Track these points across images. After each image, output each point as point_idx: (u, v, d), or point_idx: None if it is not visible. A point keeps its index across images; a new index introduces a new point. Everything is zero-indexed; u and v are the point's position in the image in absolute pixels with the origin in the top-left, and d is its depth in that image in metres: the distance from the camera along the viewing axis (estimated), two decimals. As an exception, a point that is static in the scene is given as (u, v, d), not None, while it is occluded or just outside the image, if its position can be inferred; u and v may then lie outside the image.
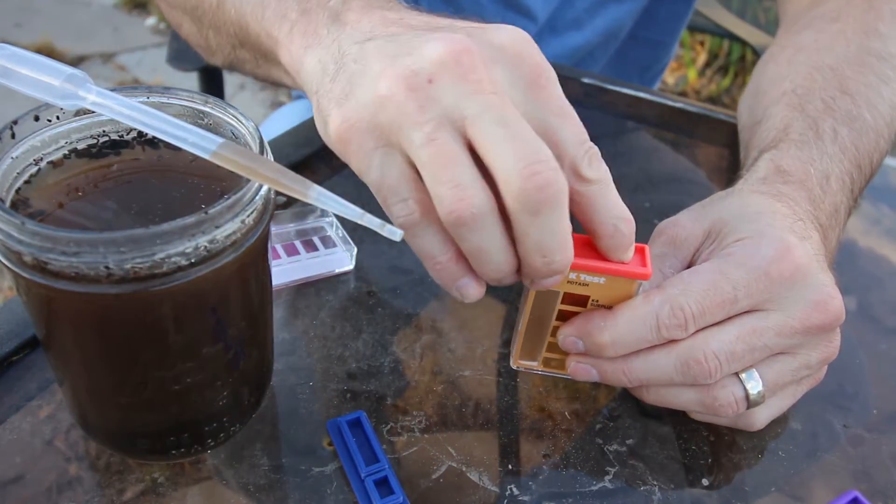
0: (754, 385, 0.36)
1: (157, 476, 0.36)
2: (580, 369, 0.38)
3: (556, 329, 0.38)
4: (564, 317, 0.37)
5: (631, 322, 0.35)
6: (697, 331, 0.36)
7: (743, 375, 0.36)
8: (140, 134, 0.35)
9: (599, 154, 0.32)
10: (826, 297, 0.36)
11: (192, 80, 0.97)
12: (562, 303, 0.37)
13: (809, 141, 0.46)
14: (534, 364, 0.40)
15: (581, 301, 0.37)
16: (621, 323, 0.36)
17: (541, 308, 0.37)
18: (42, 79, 0.30)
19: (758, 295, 0.35)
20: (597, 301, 0.36)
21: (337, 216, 0.49)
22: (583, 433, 0.40)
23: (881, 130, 0.50)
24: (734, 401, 0.36)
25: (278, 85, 0.48)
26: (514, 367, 0.41)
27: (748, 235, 0.37)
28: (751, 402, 0.37)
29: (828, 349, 0.38)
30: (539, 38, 0.79)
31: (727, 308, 0.35)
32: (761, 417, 0.39)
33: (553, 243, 0.31)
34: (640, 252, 0.35)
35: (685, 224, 0.39)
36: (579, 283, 0.35)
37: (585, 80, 0.72)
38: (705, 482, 0.38)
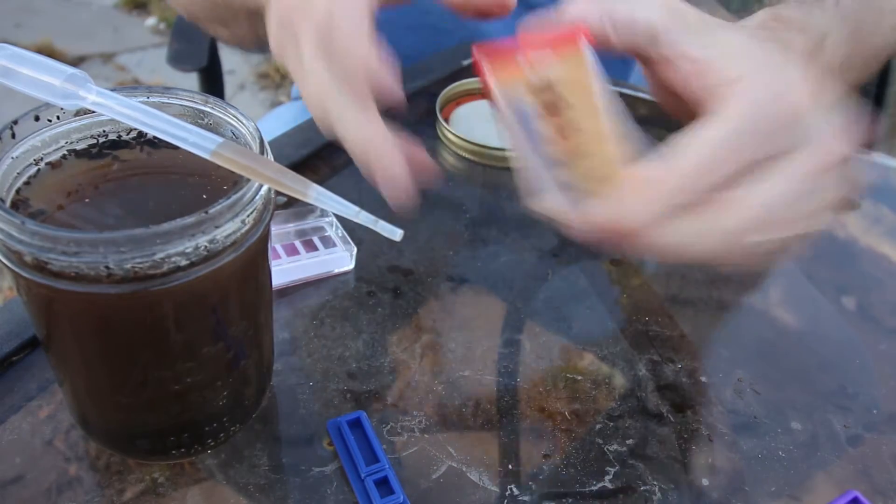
0: None
1: (157, 476, 0.36)
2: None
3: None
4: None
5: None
6: None
7: None
8: (140, 134, 0.35)
9: None
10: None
11: (192, 80, 0.97)
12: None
13: (809, 1, 0.43)
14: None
15: (553, 108, 0.32)
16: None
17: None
18: (42, 79, 0.30)
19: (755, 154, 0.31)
20: (566, 95, 0.32)
21: (337, 216, 0.49)
22: (583, 433, 0.40)
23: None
24: None
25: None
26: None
27: (738, 77, 0.31)
28: None
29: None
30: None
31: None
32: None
33: None
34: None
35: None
36: (541, 87, 0.32)
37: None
38: (705, 482, 0.39)
